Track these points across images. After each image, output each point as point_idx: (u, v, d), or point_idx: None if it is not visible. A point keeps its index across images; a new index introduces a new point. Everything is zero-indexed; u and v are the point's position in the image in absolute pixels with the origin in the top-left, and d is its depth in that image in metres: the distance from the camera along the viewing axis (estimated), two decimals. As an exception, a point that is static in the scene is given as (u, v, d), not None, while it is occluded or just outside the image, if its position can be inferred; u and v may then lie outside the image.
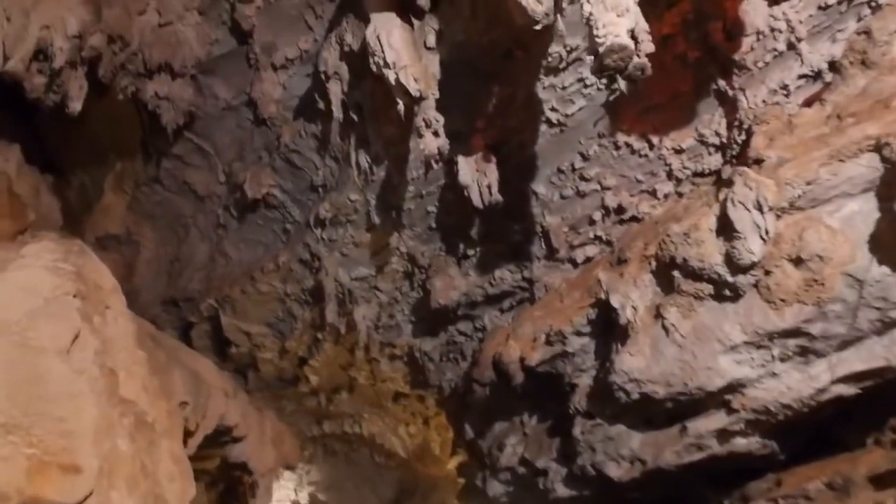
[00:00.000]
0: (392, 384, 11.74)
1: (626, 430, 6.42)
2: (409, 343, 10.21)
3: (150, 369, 6.00)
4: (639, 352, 5.68)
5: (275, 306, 10.72)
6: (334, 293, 9.49)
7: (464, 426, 9.01)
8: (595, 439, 6.62)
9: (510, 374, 7.18)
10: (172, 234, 11.49)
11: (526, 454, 7.73)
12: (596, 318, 6.32)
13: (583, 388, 6.66)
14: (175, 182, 10.79)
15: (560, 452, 7.30)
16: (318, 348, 11.14)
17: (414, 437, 13.42)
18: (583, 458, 6.80)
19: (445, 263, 8.84)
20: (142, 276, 11.90)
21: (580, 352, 6.64)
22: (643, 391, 5.80)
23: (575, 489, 7.27)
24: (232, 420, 8.05)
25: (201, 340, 11.78)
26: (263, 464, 8.82)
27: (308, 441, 14.50)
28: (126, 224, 11.66)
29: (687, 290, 5.42)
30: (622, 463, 6.53)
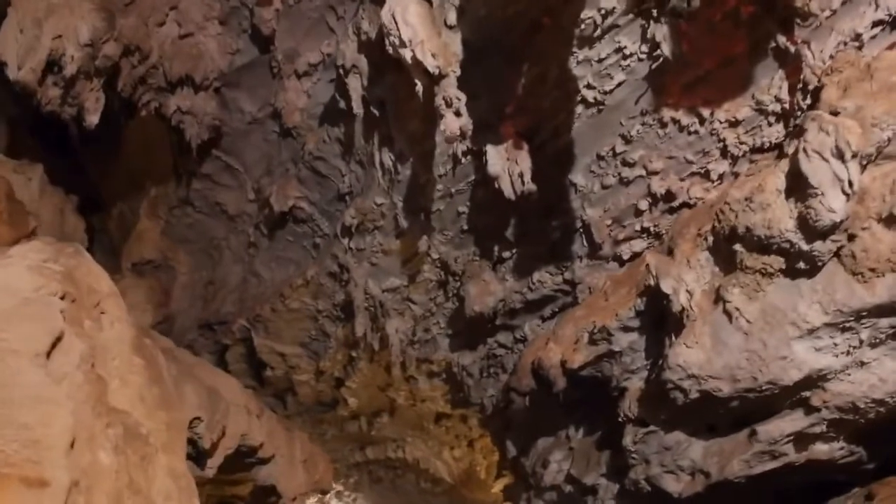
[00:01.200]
0: (432, 404, 10.78)
1: (685, 437, 5.36)
2: (446, 358, 9.28)
3: (149, 379, 5.22)
4: (697, 343, 4.67)
5: (307, 325, 9.93)
6: (364, 305, 8.66)
7: (506, 444, 8.00)
8: (649, 450, 5.57)
9: (551, 380, 6.21)
10: (207, 258, 10.88)
11: (572, 470, 6.69)
12: (645, 310, 5.32)
13: (633, 392, 5.64)
14: (206, 203, 10.20)
15: (610, 467, 6.25)
16: (353, 368, 10.28)
17: (459, 461, 12.39)
18: (636, 471, 5.74)
19: (480, 268, 7.93)
20: (178, 301, 11.29)
21: (628, 350, 5.63)
22: (704, 389, 4.77)
23: (629, 511, 6.22)
24: (256, 439, 7.20)
25: (237, 364, 11.06)
26: (293, 487, 7.94)
27: (352, 468, 13.61)
28: (161, 249, 11.12)
29: (752, 266, 4.41)
30: (681, 476, 5.47)
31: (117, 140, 11.27)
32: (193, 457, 6.57)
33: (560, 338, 6.25)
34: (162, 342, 6.91)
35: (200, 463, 6.67)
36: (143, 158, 10.84)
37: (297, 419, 11.99)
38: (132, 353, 5.14)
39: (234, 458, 7.34)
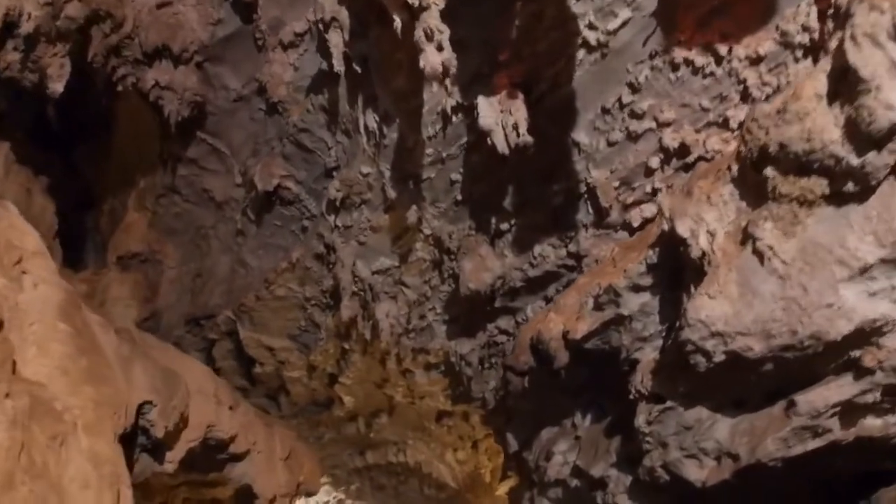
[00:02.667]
0: (432, 401, 9.86)
1: (709, 414, 4.43)
2: (443, 347, 8.37)
3: (77, 349, 4.38)
4: (721, 293, 3.76)
5: (295, 314, 9.07)
6: (351, 288, 7.79)
7: (506, 437, 7.08)
8: (666, 431, 4.63)
9: (551, 355, 5.30)
10: (195, 249, 10.07)
11: (579, 462, 5.76)
12: (659, 262, 4.41)
13: (646, 365, 4.72)
14: (193, 191, 9.42)
15: (621, 455, 5.31)
16: (347, 362, 9.40)
17: (463, 464, 11.42)
18: (651, 458, 4.81)
19: (476, 243, 7.06)
20: (165, 296, 10.48)
21: (639, 314, 4.72)
22: (731, 349, 3.85)
23: (643, 502, 5.25)
24: (225, 431, 6.33)
25: (225, 361, 10.20)
26: (271, 487, 7.04)
27: (353, 474, 12.67)
28: (148, 241, 10.33)
29: (787, 192, 3.51)
30: (705, 460, 4.52)
31: (108, 134, 10.67)
32: (149, 448, 5.71)
33: (562, 307, 5.36)
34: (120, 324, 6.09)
35: (158, 456, 5.80)
36: (133, 150, 10.16)
37: (291, 421, 11.10)
38: (57, 319, 4.32)
39: (203, 453, 6.47)
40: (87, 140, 11.70)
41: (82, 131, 11.61)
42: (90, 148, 11.60)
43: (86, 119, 11.34)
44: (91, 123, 11.15)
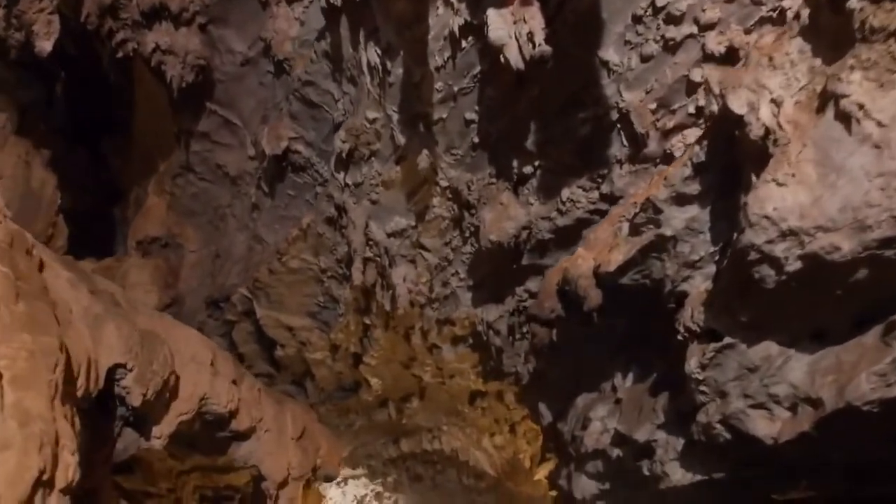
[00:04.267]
0: (462, 380, 8.90)
1: (780, 350, 3.38)
2: (469, 316, 7.40)
3: (14, 293, 3.59)
4: (793, 176, 2.74)
5: (312, 289, 8.24)
6: (363, 250, 6.91)
7: (538, 407, 6.09)
8: (725, 376, 3.60)
9: (580, 296, 4.31)
10: (213, 230, 9.36)
11: (620, 427, 4.73)
12: (708, 160, 3.40)
13: (696, 296, 3.70)
14: (207, 168, 8.72)
15: (670, 414, 4.28)
16: (370, 340, 8.52)
17: (501, 450, 10.41)
18: (707, 412, 3.78)
19: (497, 191, 6.11)
20: (187, 281, 9.78)
21: (686, 233, 3.70)
22: (809, 251, 2.82)
23: (699, 469, 4.21)
24: (222, 404, 5.50)
25: (247, 345, 9.43)
26: (280, 468, 6.18)
27: (389, 465, 11.77)
28: (167, 225, 9.68)
29: (883, 25, 2.48)
30: (777, 410, 3.48)
31: (129, 124, 10.19)
32: (131, 421, 4.90)
33: (592, 242, 4.37)
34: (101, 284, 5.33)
35: (143, 430, 4.99)
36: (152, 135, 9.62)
37: (320, 409, 10.27)
38: (-9, 258, 3.53)
39: (202, 431, 5.65)
40: (113, 133, 11.26)
41: (108, 125, 11.18)
42: (116, 140, 11.16)
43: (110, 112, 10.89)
44: (116, 116, 10.70)
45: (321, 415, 10.46)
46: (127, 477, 6.14)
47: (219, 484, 7.04)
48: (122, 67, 9.70)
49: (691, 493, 4.77)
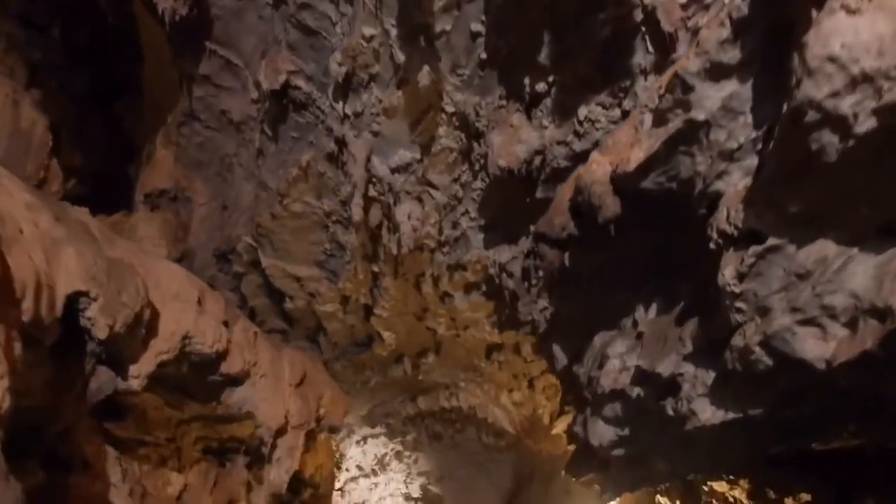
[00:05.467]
0: (477, 331, 8.25)
1: (838, 250, 2.65)
2: (481, 259, 6.74)
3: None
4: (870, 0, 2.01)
5: (318, 235, 7.62)
6: (363, 184, 6.27)
7: (552, 349, 5.43)
8: (768, 286, 2.88)
9: (594, 205, 3.61)
10: (222, 182, 8.79)
11: (641, 362, 4.04)
12: (752, 13, 2.65)
13: (734, 194, 2.98)
14: (211, 114, 8.12)
15: (700, 341, 3.57)
16: (380, 290, 7.90)
17: (520, 407, 9.79)
18: (744, 334, 3.07)
19: (507, 113, 5.41)
20: (196, 235, 9.25)
21: (722, 115, 2.95)
22: (889, 102, 2.09)
23: (732, 406, 3.50)
24: (208, 344, 4.92)
25: (257, 299, 8.88)
26: (278, 416, 5.63)
27: (408, 423, 11.23)
28: (175, 177, 9.14)
29: None
30: (831, 327, 2.75)
31: (140, 82, 9.73)
32: (104, 358, 4.35)
33: (609, 147, 3.65)
34: (74, 212, 4.76)
35: (119, 369, 4.44)
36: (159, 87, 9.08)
37: (335, 365, 9.73)
38: None
39: (190, 373, 5.10)
40: (127, 93, 10.88)
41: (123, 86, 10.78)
42: (129, 100, 10.76)
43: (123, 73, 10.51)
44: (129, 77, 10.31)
45: (336, 372, 9.92)
46: (118, 424, 5.63)
47: (222, 435, 6.51)
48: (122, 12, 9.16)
49: (721, 436, 4.08)
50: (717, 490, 6.88)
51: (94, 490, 4.76)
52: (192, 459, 6.59)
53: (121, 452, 5.46)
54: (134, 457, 5.71)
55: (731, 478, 6.38)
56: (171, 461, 6.37)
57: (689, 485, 6.94)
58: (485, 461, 11.40)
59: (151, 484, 5.86)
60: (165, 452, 6.35)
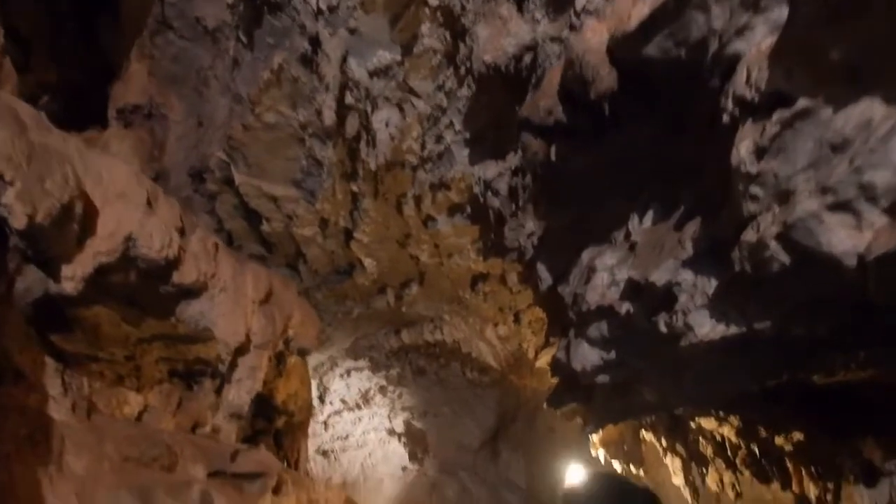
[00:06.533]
0: (462, 259, 7.72)
1: (886, 112, 2.05)
2: (465, 177, 6.15)
3: None
4: None
5: (294, 151, 7.00)
6: (336, 86, 5.63)
7: (536, 268, 4.88)
8: (793, 163, 2.30)
9: (588, 82, 2.99)
10: (197, 97, 8.10)
11: (633, 272, 3.49)
12: None
13: (756, 55, 2.38)
14: (185, 23, 7.38)
15: (702, 242, 3.01)
16: (360, 212, 7.33)
17: (505, 342, 9.33)
18: (759, 225, 2.49)
19: (496, 5, 4.73)
20: (172, 154, 8.59)
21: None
22: None
23: (734, 318, 2.95)
24: (155, 249, 4.36)
25: (233, 221, 8.29)
26: (237, 333, 5.11)
27: (391, 357, 10.80)
28: (149, 92, 8.43)
29: None
30: (868, 212, 2.17)
31: None
32: (31, 256, 3.78)
33: (607, 14, 3.02)
34: (3, 97, 4.13)
35: (51, 270, 3.87)
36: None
37: (316, 294, 9.23)
38: None
39: (140, 282, 4.54)
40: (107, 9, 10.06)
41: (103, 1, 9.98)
42: (109, 17, 9.95)
43: None
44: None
45: (317, 301, 9.42)
46: (65, 336, 5.12)
47: (187, 357, 6.01)
48: None
49: (717, 360, 3.56)
50: (705, 427, 6.44)
51: (28, 402, 4.27)
52: (153, 380, 6.11)
53: (66, 366, 4.96)
54: (83, 372, 5.21)
55: (721, 414, 5.92)
56: (128, 380, 5.88)
57: (675, 420, 6.50)
58: (469, 397, 11.03)
59: (104, 401, 5.38)
60: (123, 371, 5.86)
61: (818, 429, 5.66)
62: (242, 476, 5.62)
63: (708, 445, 6.84)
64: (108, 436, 4.66)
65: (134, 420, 5.71)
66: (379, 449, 12.54)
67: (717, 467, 6.97)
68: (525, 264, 6.29)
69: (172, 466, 5.19)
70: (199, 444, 5.64)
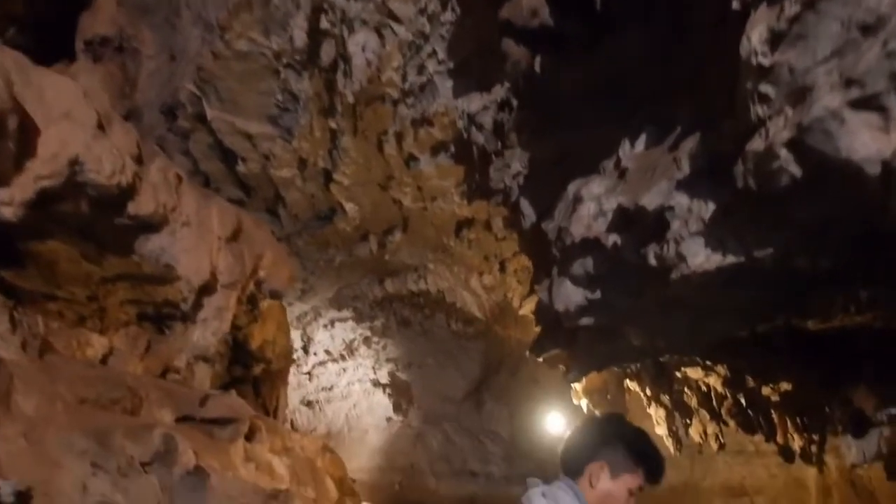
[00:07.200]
0: (445, 203, 7.35)
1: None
2: (448, 110, 5.75)
3: None
4: None
5: (269, 84, 6.55)
6: (311, 9, 5.18)
7: (519, 205, 4.53)
8: (811, 53, 1.93)
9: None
10: (170, 29, 7.58)
11: (622, 199, 3.15)
12: None
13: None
14: (156, -54, 6.83)
15: (700, 159, 2.66)
16: (339, 151, 6.92)
17: (491, 291, 9.04)
18: (768, 131, 2.14)
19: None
20: (144, 91, 8.08)
21: None
22: None
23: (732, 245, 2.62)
24: (107, 174, 3.97)
25: (209, 162, 7.85)
26: (201, 271, 4.76)
27: (375, 307, 10.50)
28: (118, 24, 7.88)
29: None
30: (901, 109, 1.84)
31: None
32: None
33: None
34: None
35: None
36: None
37: (297, 241, 8.86)
38: None
39: (93, 213, 4.16)
40: None
41: None
42: None
43: None
44: None
45: (299, 248, 9.06)
46: (17, 272, 4.77)
47: (156, 299, 5.67)
48: None
49: (709, 296, 3.24)
50: (691, 377, 6.20)
51: (-29, 337, 3.94)
52: (118, 322, 5.77)
53: (18, 303, 4.61)
54: (38, 310, 4.86)
55: (708, 363, 5.66)
56: (91, 321, 5.55)
57: (661, 369, 6.26)
58: (453, 349, 10.79)
59: (63, 342, 5.05)
60: (85, 311, 5.52)
61: (807, 378, 5.42)
62: (212, 422, 5.33)
63: (693, 396, 6.62)
64: (63, 376, 4.34)
65: (98, 363, 5.39)
66: (363, 400, 12.36)
67: (701, 418, 6.77)
68: (510, 207, 5.93)
69: (136, 410, 4.89)
70: (166, 389, 5.34)
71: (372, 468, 11.47)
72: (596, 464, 1.15)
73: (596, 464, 1.15)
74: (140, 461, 4.10)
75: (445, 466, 11.31)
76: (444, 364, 11.18)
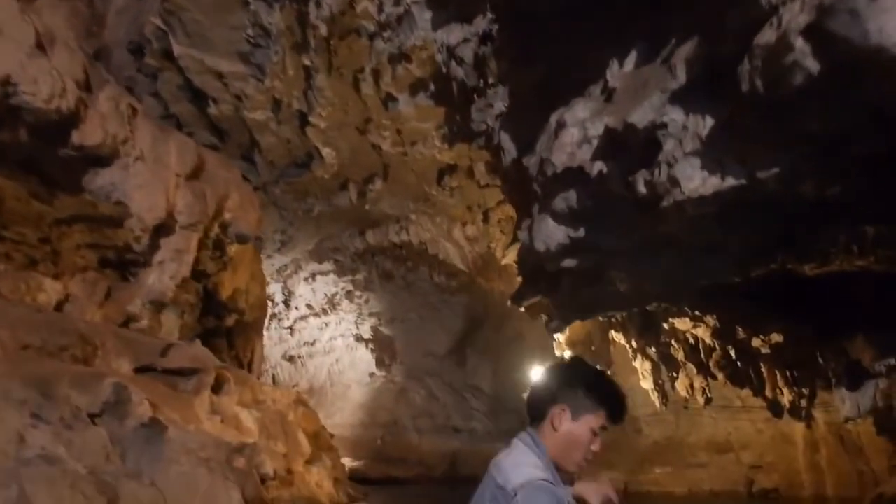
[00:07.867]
0: (426, 148, 6.95)
1: None
2: (427, 43, 5.33)
3: None
4: None
5: (238, 17, 6.06)
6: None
7: (500, 140, 4.15)
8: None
9: None
10: (138, -39, 6.99)
11: (609, 120, 2.79)
12: None
13: None
14: None
15: (697, 66, 2.30)
16: (314, 91, 6.48)
17: (473, 243, 8.69)
18: (780, 20, 1.78)
19: None
20: (113, 30, 7.47)
21: None
22: None
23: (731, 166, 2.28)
24: (44, 97, 3.56)
25: (179, 104, 7.38)
26: (156, 209, 4.37)
27: (357, 260, 10.15)
28: (83, -46, 7.25)
29: None
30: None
31: None
32: None
33: None
34: None
35: None
36: None
37: (275, 189, 8.45)
38: None
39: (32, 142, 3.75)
40: None
41: None
42: None
43: None
44: None
45: (276, 197, 8.66)
46: (-41, 210, 4.38)
47: (116, 243, 5.28)
48: None
49: (703, 232, 2.92)
50: (679, 328, 5.92)
51: None
52: (75, 267, 5.39)
53: (-45, 241, 4.23)
54: (-20, 251, 4.48)
55: (697, 313, 5.37)
56: (43, 265, 5.16)
57: (648, 319, 5.97)
58: (436, 303, 10.50)
59: (10, 286, 4.68)
60: (36, 254, 5.12)
61: (801, 329, 5.15)
62: (175, 372, 5.01)
63: (680, 349, 6.36)
64: (4, 321, 3.99)
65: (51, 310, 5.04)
66: (346, 355, 12.11)
67: (688, 372, 6.52)
68: (493, 150, 5.55)
69: (88, 359, 4.55)
70: (125, 337, 5.00)
71: (354, 424, 11.28)
72: (557, 407, 1.05)
73: (557, 407, 1.05)
74: (88, 412, 3.78)
75: (428, 422, 11.14)
76: (428, 318, 10.91)
